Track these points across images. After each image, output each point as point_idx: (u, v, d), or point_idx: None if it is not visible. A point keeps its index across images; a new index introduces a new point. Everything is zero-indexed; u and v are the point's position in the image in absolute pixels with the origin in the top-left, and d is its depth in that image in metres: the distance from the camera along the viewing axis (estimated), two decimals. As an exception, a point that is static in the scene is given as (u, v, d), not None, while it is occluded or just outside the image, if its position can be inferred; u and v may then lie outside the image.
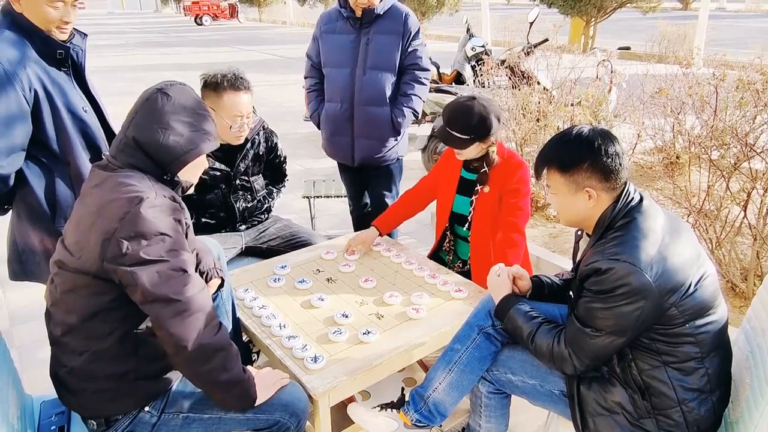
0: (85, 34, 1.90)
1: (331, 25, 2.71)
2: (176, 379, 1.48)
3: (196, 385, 1.42)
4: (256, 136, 2.43)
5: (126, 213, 1.26)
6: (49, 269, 1.41)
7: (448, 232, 2.38)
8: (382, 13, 2.61)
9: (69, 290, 1.34)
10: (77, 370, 1.37)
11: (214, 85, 2.14)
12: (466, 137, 2.06)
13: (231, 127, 2.16)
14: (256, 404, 1.46)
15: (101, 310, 1.33)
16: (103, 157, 1.49)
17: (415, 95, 2.73)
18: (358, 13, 2.60)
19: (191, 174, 1.48)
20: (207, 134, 1.44)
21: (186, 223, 1.41)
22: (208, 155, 2.27)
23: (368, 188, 3.00)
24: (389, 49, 2.64)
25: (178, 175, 1.43)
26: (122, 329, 1.36)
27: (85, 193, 1.38)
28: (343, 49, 2.66)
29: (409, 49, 2.67)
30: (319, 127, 2.90)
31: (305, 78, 2.89)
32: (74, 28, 1.84)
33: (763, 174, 2.64)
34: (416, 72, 2.71)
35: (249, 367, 1.55)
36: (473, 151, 2.12)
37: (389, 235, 2.62)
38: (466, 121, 2.05)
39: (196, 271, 1.64)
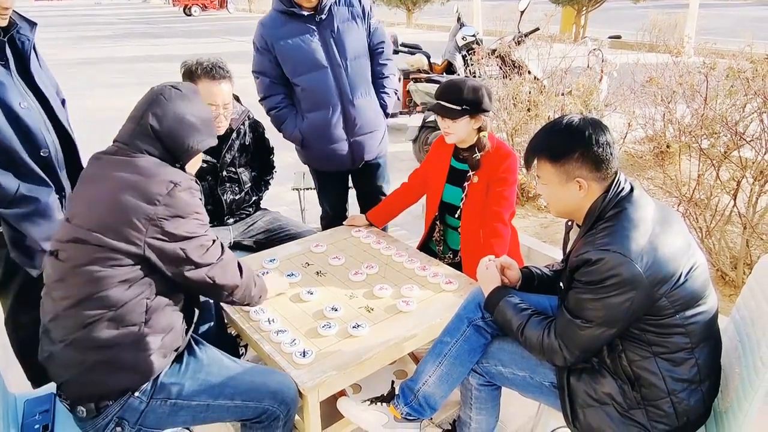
0: (34, 23, 1.84)
1: (281, 30, 2.41)
2: (164, 366, 1.48)
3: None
4: (242, 127, 2.39)
5: (164, 196, 1.38)
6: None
7: (437, 222, 2.37)
8: (336, 0, 2.44)
9: (85, 264, 1.36)
10: (78, 341, 1.38)
11: (189, 73, 2.12)
12: (457, 108, 2.06)
13: None
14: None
15: (122, 280, 1.37)
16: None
17: (393, 74, 2.67)
18: (310, 5, 2.38)
19: (194, 165, 1.62)
20: (211, 128, 1.59)
21: (203, 200, 1.57)
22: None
23: (360, 187, 2.86)
24: (358, 35, 2.49)
25: (187, 165, 1.56)
26: (138, 298, 1.41)
27: (97, 175, 1.43)
28: (312, 52, 2.40)
29: (372, 29, 2.56)
30: (300, 145, 2.61)
31: (265, 98, 2.54)
32: (23, 17, 1.79)
33: (753, 162, 2.64)
34: (386, 49, 2.62)
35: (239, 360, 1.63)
36: (464, 129, 2.10)
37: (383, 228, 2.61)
38: (458, 92, 2.06)
39: None
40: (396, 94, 2.72)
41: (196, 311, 1.63)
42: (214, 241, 1.52)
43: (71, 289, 1.38)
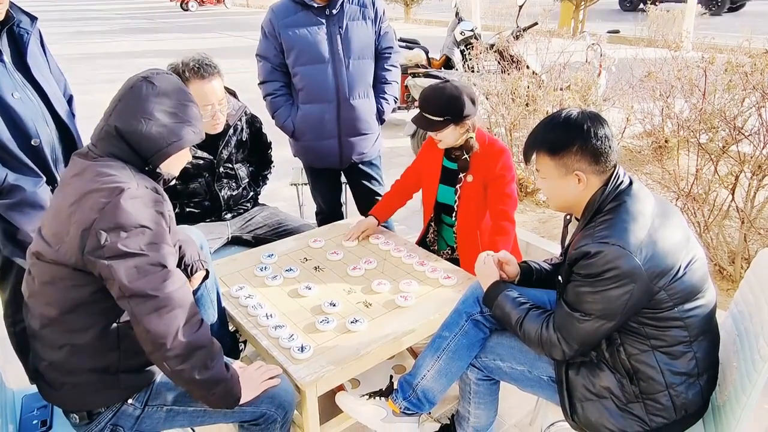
0: (35, 18, 1.86)
1: (290, 18, 2.42)
2: (160, 372, 1.46)
3: (175, 383, 1.38)
4: (239, 122, 2.38)
5: (106, 204, 1.22)
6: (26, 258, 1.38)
7: (432, 223, 2.36)
8: None
9: (47, 282, 1.31)
10: (57, 364, 1.35)
11: (176, 76, 2.08)
12: (439, 119, 2.03)
13: (202, 117, 2.11)
14: (241, 402, 1.43)
15: (81, 303, 1.30)
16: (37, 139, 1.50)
17: (395, 81, 2.66)
18: (323, 0, 2.39)
19: (174, 166, 1.44)
20: (191, 126, 1.40)
21: (169, 216, 1.37)
22: (190, 144, 2.24)
23: (354, 187, 2.83)
24: (366, 36, 2.48)
25: (160, 167, 1.39)
26: (103, 322, 1.33)
27: (65, 182, 1.34)
28: (316, 43, 2.41)
29: (382, 32, 2.55)
30: (291, 136, 2.62)
31: (264, 83, 2.55)
32: (24, 11, 1.81)
33: (751, 157, 2.64)
34: (393, 56, 2.61)
35: (236, 362, 1.53)
36: (451, 136, 2.08)
37: (385, 225, 2.60)
38: (438, 102, 2.02)
39: (180, 264, 1.62)
40: (396, 102, 2.71)
41: None
42: (163, 267, 1.28)
43: (40, 308, 1.33)
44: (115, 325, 1.35)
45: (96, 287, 1.29)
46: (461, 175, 2.17)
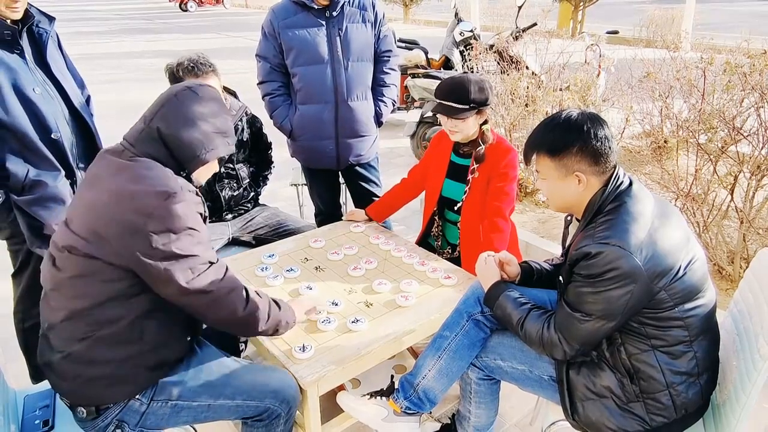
0: (53, 18, 1.93)
1: (290, 19, 2.44)
2: (164, 374, 1.47)
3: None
4: (239, 123, 2.39)
5: (155, 207, 1.28)
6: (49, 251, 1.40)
7: (436, 217, 2.37)
8: (349, 0, 2.47)
9: (78, 276, 1.33)
10: (75, 356, 1.36)
11: (172, 75, 2.11)
12: (464, 107, 2.05)
13: None
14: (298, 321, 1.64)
15: (115, 296, 1.33)
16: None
17: (394, 84, 2.67)
18: (323, 2, 2.41)
19: (203, 175, 1.50)
20: (227, 137, 1.49)
21: (205, 216, 1.43)
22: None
23: (352, 187, 2.84)
24: (366, 38, 2.51)
25: (193, 174, 1.46)
26: (131, 315, 1.36)
27: (98, 178, 1.37)
28: (315, 44, 2.43)
29: (381, 36, 2.57)
30: (289, 136, 2.63)
31: (263, 83, 2.57)
32: (42, 12, 1.88)
33: (750, 157, 2.65)
34: (391, 59, 2.64)
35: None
36: (473, 126, 2.11)
37: (384, 224, 2.61)
38: (464, 91, 2.04)
39: None
40: (394, 104, 2.72)
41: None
42: (211, 264, 1.39)
43: (65, 300, 1.35)
44: (139, 318, 1.37)
45: (130, 282, 1.33)
46: (475, 167, 2.18)
